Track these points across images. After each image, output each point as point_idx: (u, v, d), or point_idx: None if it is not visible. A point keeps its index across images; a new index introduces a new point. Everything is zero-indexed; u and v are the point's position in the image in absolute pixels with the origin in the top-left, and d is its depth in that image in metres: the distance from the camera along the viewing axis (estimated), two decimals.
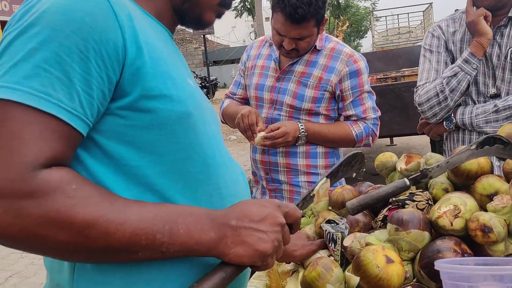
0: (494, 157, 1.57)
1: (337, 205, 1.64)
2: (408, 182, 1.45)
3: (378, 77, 5.96)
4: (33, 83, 0.78)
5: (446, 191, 1.43)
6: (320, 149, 2.30)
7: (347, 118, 2.30)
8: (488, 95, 2.11)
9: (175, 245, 0.85)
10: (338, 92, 2.22)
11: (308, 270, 1.15)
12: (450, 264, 1.10)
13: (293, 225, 0.98)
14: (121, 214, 0.81)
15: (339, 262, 1.31)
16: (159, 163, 0.92)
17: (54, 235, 0.77)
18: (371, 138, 2.30)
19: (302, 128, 2.19)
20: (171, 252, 0.85)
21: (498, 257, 1.18)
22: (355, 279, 1.10)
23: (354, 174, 1.27)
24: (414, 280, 1.24)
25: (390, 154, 1.66)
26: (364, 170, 1.30)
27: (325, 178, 1.15)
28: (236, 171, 1.10)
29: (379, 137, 6.66)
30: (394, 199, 1.48)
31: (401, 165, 1.57)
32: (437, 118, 2.17)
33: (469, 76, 2.05)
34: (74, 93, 0.81)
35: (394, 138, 8.42)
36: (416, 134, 6.56)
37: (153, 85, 0.89)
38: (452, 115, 2.17)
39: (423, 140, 8.22)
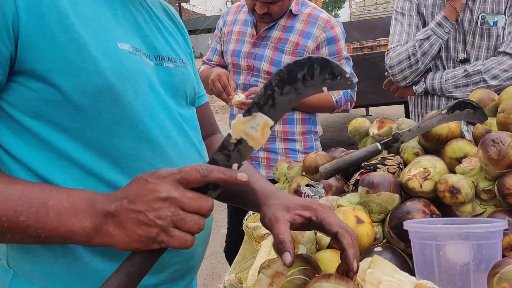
0: (463, 123, 1.60)
1: (311, 171, 1.66)
2: (380, 147, 1.46)
3: (354, 46, 5.96)
4: None
5: (417, 155, 1.46)
6: (297, 115, 2.31)
7: None
8: (458, 60, 2.13)
9: (45, 230, 0.76)
10: None
11: None
12: (419, 224, 1.12)
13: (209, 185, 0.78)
14: None
15: None
16: (79, 138, 0.85)
17: None
18: (349, 104, 2.32)
19: None
20: (42, 238, 0.77)
21: (465, 217, 1.21)
22: (326, 239, 1.12)
23: (326, 88, 0.74)
24: (384, 241, 1.27)
25: (363, 120, 1.68)
26: (348, 76, 0.72)
27: (240, 115, 0.77)
28: (188, 145, 1.02)
29: (355, 107, 6.70)
30: (366, 163, 1.50)
31: (373, 130, 1.59)
32: (407, 81, 2.19)
33: (441, 40, 2.07)
34: None
35: (369, 109, 8.50)
36: (391, 103, 6.64)
37: (56, 58, 0.80)
38: (422, 79, 2.19)
39: (398, 110, 8.32)
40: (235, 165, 0.79)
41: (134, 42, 0.95)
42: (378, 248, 1.20)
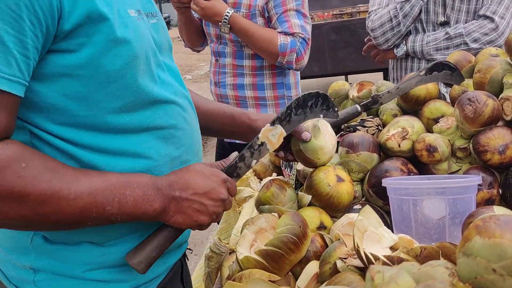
0: (442, 85, 1.63)
1: None
2: (359, 108, 1.48)
3: (334, 13, 5.94)
4: None
5: (395, 116, 1.48)
6: (267, 81, 2.31)
7: None
8: (438, 23, 2.15)
9: (124, 215, 0.88)
10: (267, 14, 2.21)
11: (262, 190, 1.19)
12: (397, 181, 1.16)
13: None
14: (72, 190, 0.82)
15: (293, 185, 1.36)
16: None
17: (6, 213, 0.78)
18: (295, 56, 2.20)
19: (226, 17, 2.15)
20: (118, 220, 0.89)
21: (441, 175, 1.25)
22: (307, 198, 1.14)
23: (322, 116, 1.14)
24: (363, 199, 1.30)
25: (343, 83, 1.69)
26: (337, 110, 1.17)
27: (268, 125, 1.06)
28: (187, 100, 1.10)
29: (335, 75, 6.64)
30: (345, 125, 1.52)
31: (353, 92, 1.60)
32: (389, 44, 2.21)
33: (421, 2, 2.08)
34: (11, 57, 0.77)
35: (348, 77, 8.52)
36: (371, 71, 6.67)
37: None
38: (403, 42, 2.20)
39: (377, 77, 8.36)
40: (254, 161, 1.06)
41: (135, 4, 0.96)
42: (357, 206, 1.23)
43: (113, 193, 0.86)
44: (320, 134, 1.16)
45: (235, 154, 1.07)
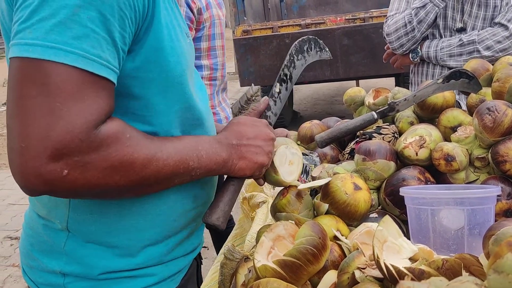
0: (456, 92, 1.62)
1: (306, 140, 1.67)
2: (376, 115, 1.48)
3: (346, 18, 5.92)
4: (84, 45, 0.79)
5: (412, 124, 1.47)
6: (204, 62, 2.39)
7: None
8: (455, 28, 2.14)
9: (201, 168, 0.98)
10: None
11: (278, 197, 1.18)
12: (415, 190, 1.15)
13: None
14: (163, 152, 0.91)
15: (309, 192, 1.35)
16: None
17: (117, 181, 0.85)
18: None
19: None
20: (197, 175, 0.98)
21: (459, 184, 1.24)
22: (324, 206, 1.13)
23: (319, 57, 1.28)
24: (379, 207, 1.29)
25: (359, 89, 1.69)
26: (328, 50, 1.31)
27: (277, 83, 1.23)
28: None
29: (346, 79, 6.65)
30: (361, 132, 1.51)
31: (369, 99, 1.60)
32: (404, 49, 2.20)
33: (437, 8, 2.07)
34: (116, 51, 0.84)
35: (360, 82, 8.50)
36: (382, 76, 6.64)
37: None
38: (419, 47, 2.20)
39: (389, 83, 8.33)
40: (279, 110, 1.24)
41: (184, 26, 1.03)
42: (374, 215, 1.22)
43: (192, 150, 0.96)
44: (277, 169, 1.16)
45: (265, 98, 1.22)
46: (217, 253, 1.41)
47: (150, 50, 0.90)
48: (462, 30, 2.13)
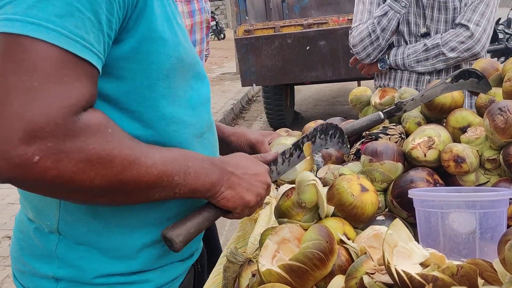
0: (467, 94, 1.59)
1: None
2: (382, 115, 1.44)
3: (349, 18, 5.89)
4: (67, 23, 0.74)
5: (419, 124, 1.44)
6: None
7: None
8: (419, 34, 2.13)
9: (186, 187, 0.90)
10: None
11: (282, 199, 1.14)
12: (424, 192, 1.11)
13: None
14: (148, 158, 0.84)
15: None
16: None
17: (92, 179, 0.78)
18: None
19: None
20: (180, 193, 0.90)
21: (470, 186, 1.20)
22: (330, 208, 1.10)
23: (338, 148, 1.23)
24: (386, 210, 1.26)
25: (365, 88, 1.65)
26: (349, 147, 1.26)
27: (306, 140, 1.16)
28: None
29: (349, 80, 6.62)
30: (367, 132, 1.48)
31: (375, 99, 1.56)
32: (371, 58, 2.19)
33: (398, 15, 2.07)
34: (101, 35, 0.79)
35: (361, 82, 8.47)
36: None
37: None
38: (386, 56, 2.18)
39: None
40: (284, 170, 1.15)
41: (180, 19, 1.00)
42: (381, 217, 1.19)
43: (180, 164, 0.89)
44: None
45: (276, 152, 1.14)
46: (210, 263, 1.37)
47: (141, 40, 0.86)
48: (426, 35, 2.13)
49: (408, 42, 2.17)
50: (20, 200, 1.06)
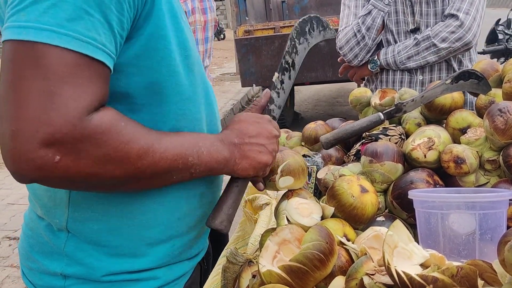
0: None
1: (310, 141, 1.64)
2: (382, 116, 1.44)
3: None
4: (78, 26, 0.77)
5: (419, 125, 1.44)
6: None
7: None
8: (409, 30, 2.12)
9: (201, 166, 0.94)
10: None
11: (282, 200, 1.15)
12: (424, 193, 1.11)
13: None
14: (161, 144, 0.88)
15: (312, 194, 1.31)
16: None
17: (112, 171, 0.82)
18: None
19: None
20: (197, 173, 0.94)
21: (469, 187, 1.20)
22: (330, 210, 1.10)
23: (323, 37, 1.18)
24: (386, 210, 1.26)
25: (365, 89, 1.65)
26: (332, 27, 1.20)
27: (276, 73, 1.13)
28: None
29: (347, 81, 6.67)
30: (367, 133, 1.48)
31: (375, 100, 1.56)
32: (359, 59, 2.16)
33: (382, 13, 2.06)
34: (112, 35, 0.82)
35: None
36: None
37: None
38: (376, 57, 2.17)
39: None
40: (282, 102, 1.14)
41: (184, 16, 1.02)
42: (381, 218, 1.19)
43: (191, 145, 0.93)
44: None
45: (267, 91, 1.13)
46: (214, 259, 1.37)
47: (150, 37, 0.88)
48: (416, 30, 2.12)
49: (398, 41, 2.16)
50: (29, 198, 1.07)
